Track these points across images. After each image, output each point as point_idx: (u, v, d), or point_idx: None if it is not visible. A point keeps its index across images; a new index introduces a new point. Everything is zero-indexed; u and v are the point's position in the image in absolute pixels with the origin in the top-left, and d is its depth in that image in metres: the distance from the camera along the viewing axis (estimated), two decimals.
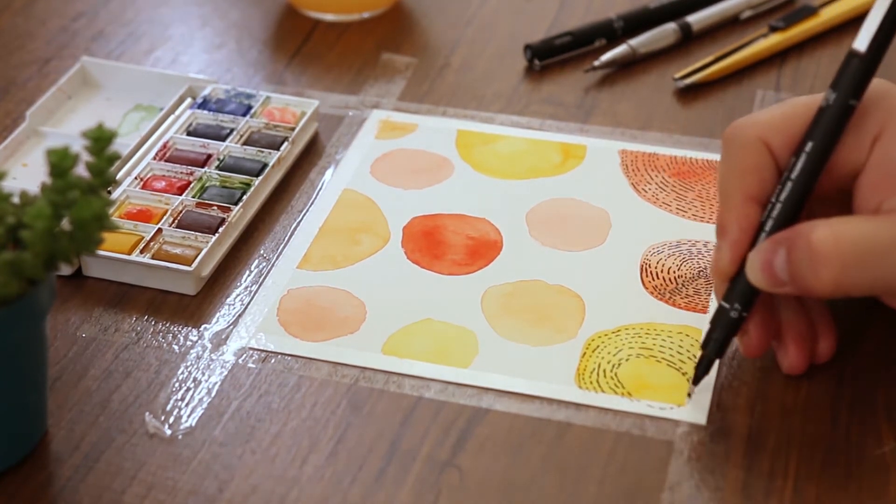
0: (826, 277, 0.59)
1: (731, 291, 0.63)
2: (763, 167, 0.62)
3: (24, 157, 0.78)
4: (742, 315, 0.63)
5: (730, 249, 0.62)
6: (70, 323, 0.69)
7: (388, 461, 0.62)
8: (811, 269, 0.59)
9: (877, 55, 0.61)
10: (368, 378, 0.66)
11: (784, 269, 0.60)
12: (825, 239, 0.59)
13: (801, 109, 0.63)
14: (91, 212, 0.56)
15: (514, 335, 0.68)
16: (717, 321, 0.63)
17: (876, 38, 0.61)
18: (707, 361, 0.64)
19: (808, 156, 0.61)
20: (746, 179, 0.62)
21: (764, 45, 0.86)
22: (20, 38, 0.90)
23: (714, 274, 0.64)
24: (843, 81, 0.61)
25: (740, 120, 0.64)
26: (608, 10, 0.90)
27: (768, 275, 0.61)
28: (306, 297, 0.70)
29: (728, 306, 0.63)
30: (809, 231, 0.60)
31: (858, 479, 0.60)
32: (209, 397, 0.65)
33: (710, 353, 0.63)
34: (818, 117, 0.62)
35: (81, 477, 0.61)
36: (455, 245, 0.73)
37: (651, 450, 0.62)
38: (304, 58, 0.88)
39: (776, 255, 0.60)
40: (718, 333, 0.63)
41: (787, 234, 0.61)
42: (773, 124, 0.63)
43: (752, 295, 0.62)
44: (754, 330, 0.63)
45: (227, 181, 0.76)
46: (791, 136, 0.62)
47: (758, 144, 0.63)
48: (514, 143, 0.80)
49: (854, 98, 0.61)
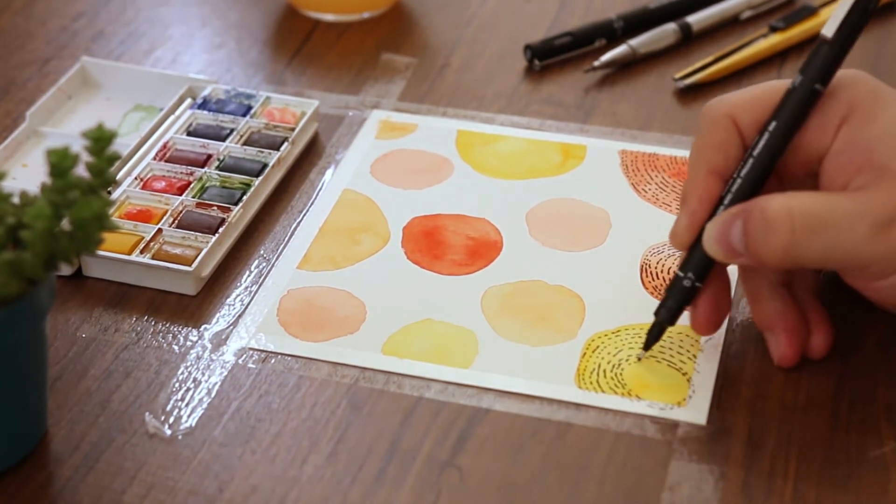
0: (777, 245, 0.61)
1: (687, 261, 0.65)
2: (728, 143, 0.64)
3: (24, 157, 0.78)
4: (695, 285, 0.64)
5: (688, 218, 0.64)
6: (70, 323, 0.69)
7: (388, 461, 0.62)
8: (763, 238, 0.61)
9: (845, 43, 0.63)
10: (368, 378, 0.66)
11: (739, 240, 0.62)
12: (777, 208, 0.61)
13: (772, 91, 0.65)
14: (91, 212, 0.56)
15: (514, 335, 0.68)
16: (670, 289, 0.65)
17: (843, 25, 0.63)
18: (658, 328, 0.65)
19: (770, 134, 0.63)
20: (711, 154, 0.64)
21: (764, 45, 0.86)
22: (20, 38, 0.90)
23: (671, 242, 0.65)
24: (810, 67, 0.63)
25: (715, 98, 0.66)
26: (608, 10, 0.90)
27: (724, 245, 0.62)
28: (306, 297, 0.70)
29: (682, 275, 0.64)
30: (765, 202, 0.61)
31: (858, 479, 0.60)
32: (209, 397, 0.65)
33: (661, 320, 0.65)
34: (784, 99, 0.64)
35: (81, 477, 0.61)
36: (455, 245, 0.73)
37: (651, 450, 0.62)
38: (304, 58, 0.88)
39: (733, 225, 0.62)
40: (671, 301, 0.65)
41: (745, 206, 0.62)
42: (744, 103, 0.65)
43: (706, 266, 0.64)
44: (703, 304, 0.65)
45: (227, 181, 0.76)
46: (759, 116, 0.64)
47: (726, 121, 0.64)
48: (514, 144, 0.80)
49: (820, 83, 0.63)
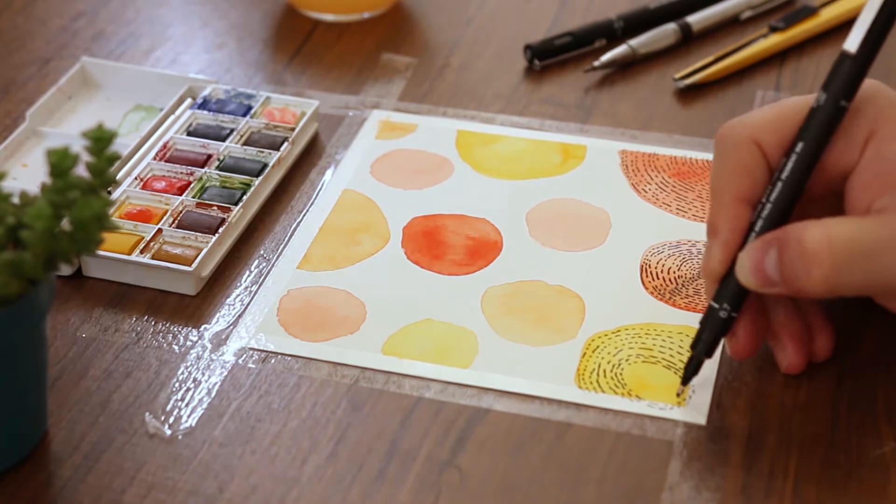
0: (818, 277, 0.59)
1: (721, 292, 0.63)
2: (754, 167, 0.63)
3: (24, 157, 0.78)
4: (731, 315, 0.63)
5: (720, 250, 0.63)
6: (70, 323, 0.69)
7: (388, 461, 0.62)
8: (803, 269, 0.59)
9: (868, 56, 0.61)
10: (368, 378, 0.66)
11: (775, 270, 0.60)
12: (817, 239, 0.59)
13: (793, 110, 0.63)
14: (91, 212, 0.56)
15: (514, 335, 0.68)
16: (706, 321, 0.63)
17: (867, 38, 0.61)
18: (696, 361, 0.64)
19: (798, 156, 0.62)
20: (738, 180, 0.63)
21: (764, 46, 0.86)
22: (20, 38, 0.90)
23: (704, 274, 0.64)
24: (834, 82, 0.61)
25: (733, 120, 0.64)
26: (608, 10, 0.90)
27: (759, 275, 0.61)
28: (306, 297, 0.70)
29: (717, 306, 0.63)
30: (801, 231, 0.60)
31: (858, 479, 0.60)
32: (209, 397, 0.65)
33: (699, 353, 0.64)
34: (809, 118, 0.62)
35: (81, 477, 0.61)
36: (455, 245, 0.73)
37: (651, 450, 0.62)
38: (304, 58, 0.88)
39: (767, 255, 0.61)
40: (708, 334, 0.63)
41: (778, 235, 0.61)
42: (765, 125, 0.63)
43: (741, 295, 0.62)
44: (743, 331, 0.63)
45: (227, 181, 0.76)
46: (783, 137, 0.62)
47: (749, 145, 0.63)
48: (514, 144, 0.80)
49: (845, 99, 0.61)
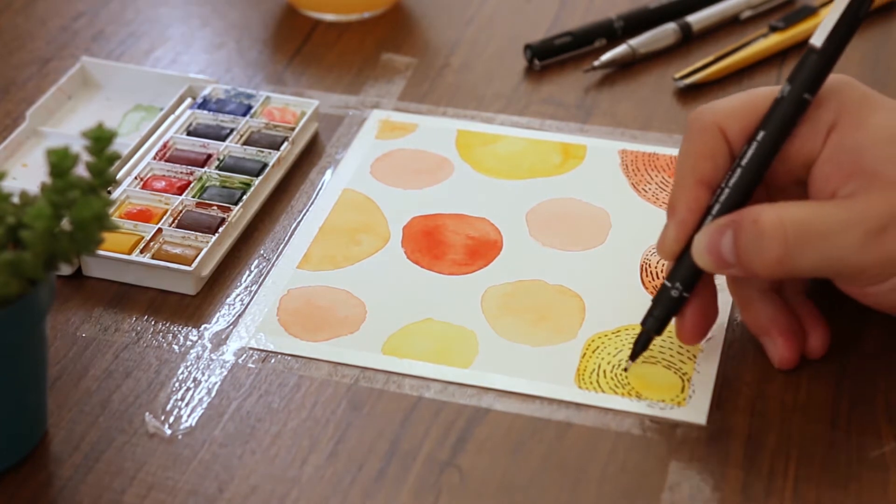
0: (770, 256, 0.60)
1: (675, 271, 0.64)
2: (717, 153, 0.64)
3: (24, 157, 0.78)
4: (683, 295, 0.64)
5: (676, 229, 0.64)
6: (70, 323, 0.69)
7: (388, 461, 0.62)
8: (757, 250, 0.61)
9: (834, 52, 0.62)
10: (368, 378, 0.66)
11: (730, 251, 0.61)
12: (771, 219, 0.60)
13: (760, 99, 0.64)
14: (91, 212, 0.56)
15: (514, 335, 0.68)
16: (658, 299, 0.65)
17: (832, 35, 0.62)
18: (645, 338, 0.65)
19: (758, 144, 0.63)
20: (699, 163, 0.64)
21: (764, 45, 0.86)
22: (20, 38, 0.90)
23: (659, 252, 0.65)
24: (798, 75, 0.63)
25: (703, 106, 0.65)
26: (608, 10, 0.90)
27: (714, 256, 0.62)
28: (306, 297, 0.70)
29: (670, 285, 0.64)
30: (757, 213, 0.61)
31: (858, 479, 0.60)
32: (209, 397, 0.65)
33: (648, 329, 0.65)
34: (772, 108, 0.63)
35: (81, 477, 0.61)
36: (455, 245, 0.73)
37: (651, 450, 0.62)
38: (304, 58, 0.88)
39: (723, 236, 0.62)
40: (658, 311, 0.65)
41: (734, 217, 0.62)
42: (732, 112, 0.64)
43: (694, 276, 0.64)
44: (690, 314, 0.65)
45: (227, 181, 0.76)
46: (748, 125, 0.64)
47: (714, 130, 0.64)
48: (514, 144, 0.80)
49: (808, 92, 0.63)
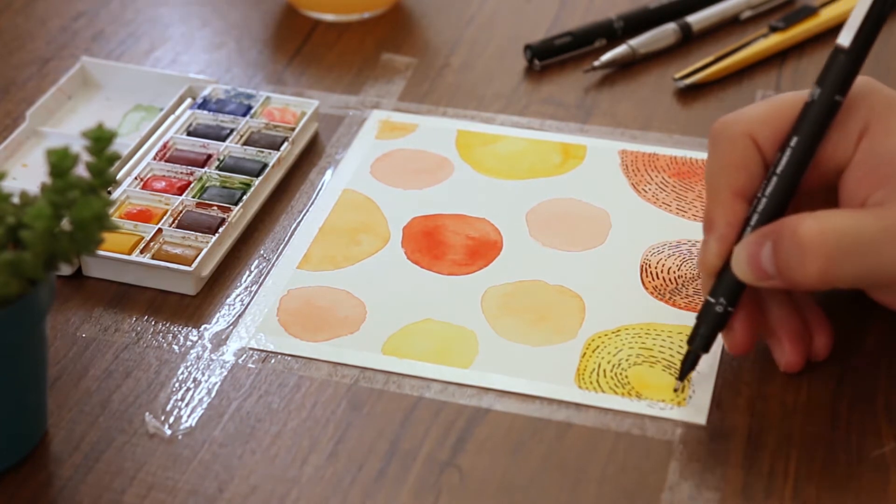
0: (812, 269, 0.60)
1: (717, 286, 0.63)
2: (750, 162, 0.63)
3: (24, 157, 0.78)
4: (727, 310, 0.63)
5: (716, 244, 0.63)
6: (70, 323, 0.69)
7: (388, 461, 0.62)
8: (798, 261, 0.60)
9: (862, 51, 0.62)
10: (368, 378, 0.66)
11: (770, 262, 0.61)
12: (811, 231, 0.60)
13: (787, 105, 0.63)
14: (91, 212, 0.56)
15: (514, 335, 0.68)
16: (702, 316, 0.64)
17: (860, 32, 0.61)
18: (693, 357, 0.64)
19: (793, 150, 0.62)
20: (733, 175, 0.63)
21: (764, 45, 0.86)
22: (20, 38, 0.90)
23: (700, 269, 0.64)
24: (828, 77, 0.62)
25: (728, 116, 0.64)
26: (608, 10, 0.90)
27: (754, 268, 0.61)
28: (306, 297, 0.70)
29: (714, 301, 0.63)
30: (796, 223, 0.60)
31: (858, 479, 0.60)
32: (209, 397, 0.65)
33: (695, 349, 0.64)
34: (804, 113, 0.62)
35: (81, 477, 0.61)
36: (455, 245, 0.73)
37: (651, 450, 0.62)
38: (304, 58, 0.88)
39: (762, 248, 0.61)
40: (704, 329, 0.64)
41: (774, 228, 0.61)
42: (760, 120, 0.63)
43: (737, 290, 0.63)
44: (739, 326, 0.64)
45: (227, 181, 0.76)
46: (777, 132, 0.63)
47: (745, 140, 0.63)
48: (514, 144, 0.80)
49: (839, 94, 0.62)
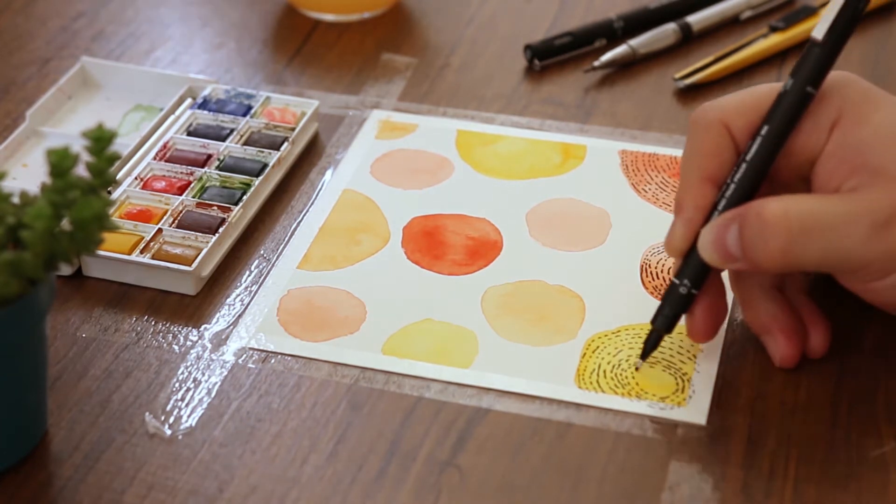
0: (774, 249, 0.61)
1: (683, 268, 0.64)
2: (722, 149, 0.64)
3: (24, 157, 0.78)
4: (692, 292, 0.64)
5: (683, 226, 0.64)
6: (70, 323, 0.69)
7: (388, 461, 0.62)
8: (761, 241, 0.61)
9: (835, 44, 0.62)
10: (368, 378, 0.66)
11: (736, 244, 0.62)
12: (775, 211, 0.61)
13: (763, 95, 0.64)
14: (91, 212, 0.56)
15: (514, 335, 0.68)
16: (667, 297, 0.65)
17: (833, 27, 0.62)
18: (656, 336, 0.65)
19: (763, 139, 0.63)
20: (705, 160, 0.64)
21: (764, 46, 0.86)
22: (20, 38, 0.90)
23: (667, 250, 0.65)
24: (801, 69, 0.63)
25: (706, 103, 0.65)
26: (608, 10, 0.90)
27: (720, 250, 0.62)
28: (306, 297, 0.70)
29: (678, 282, 0.64)
30: (761, 206, 0.61)
31: (858, 479, 0.60)
32: (209, 397, 0.65)
33: (658, 328, 0.65)
34: (776, 103, 0.63)
35: (81, 477, 0.61)
36: (455, 245, 0.73)
37: (651, 450, 0.62)
38: (304, 58, 0.88)
39: (728, 230, 0.62)
40: (668, 309, 0.65)
41: (740, 210, 0.62)
42: (735, 108, 0.64)
43: (702, 273, 0.64)
44: (700, 312, 0.65)
45: (228, 181, 0.76)
46: (751, 121, 0.64)
47: (718, 127, 0.64)
48: (514, 144, 0.80)
49: (811, 86, 0.63)
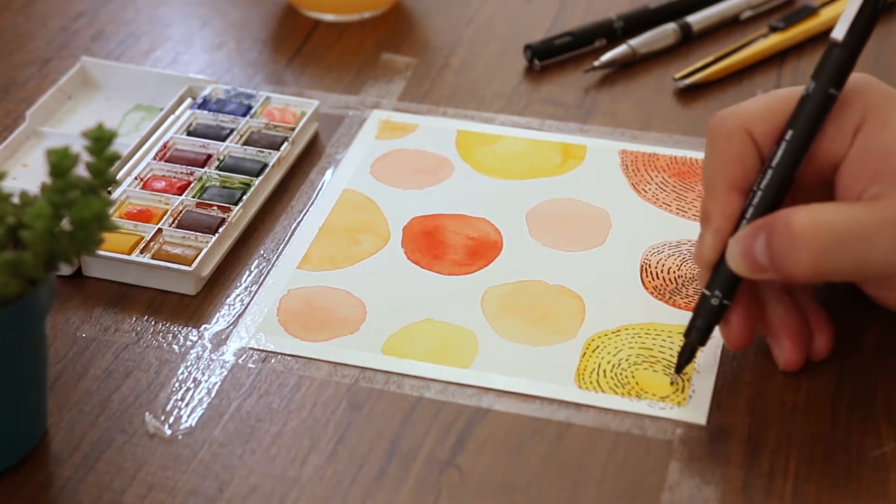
0: (804, 261, 0.60)
1: (713, 279, 0.63)
2: (746, 156, 0.63)
3: (24, 157, 0.78)
4: (723, 303, 0.63)
5: (712, 237, 0.63)
6: (70, 323, 0.69)
7: (388, 461, 0.62)
8: (791, 253, 0.60)
9: (856, 45, 0.62)
10: (368, 378, 0.66)
11: (764, 255, 0.61)
12: (804, 223, 0.60)
13: (783, 100, 0.64)
14: (91, 212, 0.56)
15: (514, 335, 0.68)
16: (699, 309, 0.64)
17: (854, 26, 0.62)
18: (690, 349, 0.64)
19: (788, 144, 0.62)
20: (730, 168, 0.63)
21: (764, 45, 0.86)
22: (20, 38, 0.90)
23: (696, 262, 0.64)
24: (822, 71, 0.62)
25: (725, 110, 0.65)
26: (608, 10, 0.90)
27: (748, 260, 0.61)
28: (306, 297, 0.70)
29: (710, 294, 0.63)
30: (789, 216, 0.60)
31: (858, 479, 0.60)
32: (209, 397, 0.65)
33: (692, 341, 0.64)
34: (799, 107, 0.63)
35: (81, 477, 0.61)
36: (455, 245, 0.73)
37: (651, 450, 0.62)
38: (304, 58, 0.88)
39: (756, 240, 0.61)
40: (700, 321, 0.64)
41: (767, 220, 0.61)
42: (757, 114, 0.64)
43: (733, 283, 0.63)
44: (736, 320, 0.64)
45: (227, 181, 0.76)
46: (774, 126, 0.63)
47: (741, 134, 0.63)
48: (514, 144, 0.80)
49: (834, 87, 0.62)
